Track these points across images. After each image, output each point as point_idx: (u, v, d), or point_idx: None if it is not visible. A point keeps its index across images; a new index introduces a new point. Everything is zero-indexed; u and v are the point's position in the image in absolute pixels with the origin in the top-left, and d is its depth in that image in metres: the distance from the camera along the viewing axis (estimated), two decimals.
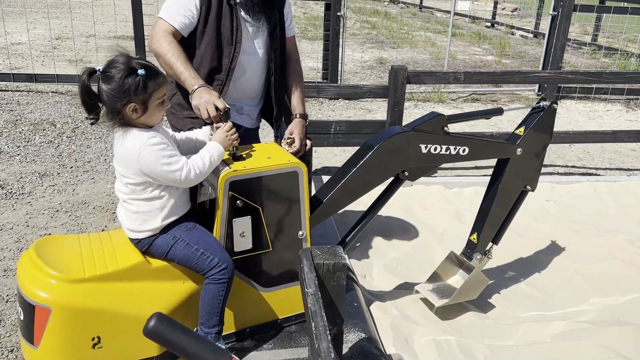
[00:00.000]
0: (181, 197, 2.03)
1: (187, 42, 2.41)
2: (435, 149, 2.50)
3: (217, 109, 2.16)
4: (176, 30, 2.36)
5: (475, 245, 2.89)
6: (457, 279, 2.95)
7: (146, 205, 1.96)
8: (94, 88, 1.88)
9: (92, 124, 1.93)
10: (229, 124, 2.12)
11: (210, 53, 2.43)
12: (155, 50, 2.35)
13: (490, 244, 2.94)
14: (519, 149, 2.74)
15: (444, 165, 5.16)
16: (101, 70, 1.86)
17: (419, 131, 2.46)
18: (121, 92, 1.83)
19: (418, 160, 2.50)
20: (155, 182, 1.93)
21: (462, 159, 2.60)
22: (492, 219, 2.87)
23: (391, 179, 2.62)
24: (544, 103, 2.81)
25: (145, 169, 1.88)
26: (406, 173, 2.53)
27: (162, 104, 1.92)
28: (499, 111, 2.83)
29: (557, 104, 2.81)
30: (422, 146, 2.46)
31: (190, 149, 2.13)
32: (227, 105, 2.18)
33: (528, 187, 2.91)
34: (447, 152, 2.53)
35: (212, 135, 2.15)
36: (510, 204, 2.90)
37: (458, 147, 2.55)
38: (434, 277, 2.99)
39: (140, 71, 1.83)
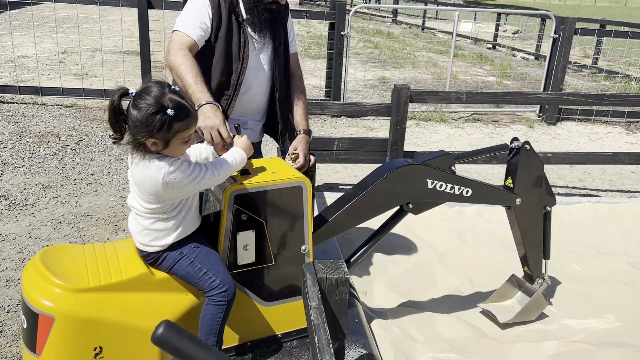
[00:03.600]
0: (194, 214, 2.05)
1: (198, 57, 2.45)
2: (441, 186, 2.55)
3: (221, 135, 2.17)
4: (194, 42, 2.38)
5: (531, 274, 3.02)
6: (516, 300, 3.10)
7: (162, 223, 1.96)
8: (125, 108, 1.84)
9: (114, 143, 1.88)
10: (246, 136, 2.15)
11: (219, 68, 2.47)
12: (170, 62, 2.34)
13: (544, 263, 3.04)
14: (517, 199, 2.80)
15: None
16: (134, 94, 1.82)
17: (427, 166, 2.52)
18: (145, 126, 1.79)
19: (423, 195, 2.55)
20: (179, 198, 1.95)
21: (465, 200, 2.65)
22: (533, 253, 2.97)
23: (396, 209, 2.66)
24: (516, 143, 2.82)
25: (172, 193, 1.89)
26: (410, 205, 2.58)
27: (185, 142, 1.89)
28: (503, 147, 2.88)
29: (529, 144, 2.81)
30: (429, 181, 2.52)
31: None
32: (231, 132, 2.18)
33: (547, 207, 2.95)
34: (452, 191, 2.59)
35: (215, 151, 2.18)
36: (539, 234, 2.96)
37: (462, 188, 2.61)
38: (496, 296, 3.11)
39: (169, 111, 1.78)
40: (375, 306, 3.09)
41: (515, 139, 2.84)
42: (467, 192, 2.63)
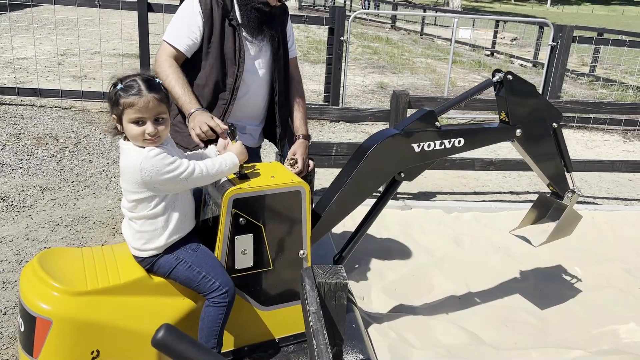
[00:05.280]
0: (186, 213, 2.05)
1: (192, 64, 2.46)
2: (429, 145, 2.45)
3: (212, 129, 2.22)
4: (180, 53, 2.42)
5: (558, 192, 2.89)
6: (549, 219, 2.96)
7: (150, 224, 1.97)
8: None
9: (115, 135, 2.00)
10: (240, 141, 2.15)
11: (215, 73, 2.48)
12: (158, 73, 2.39)
13: (568, 176, 2.89)
14: (517, 131, 2.64)
15: (443, 190, 5.20)
16: None
17: (409, 131, 2.42)
18: (108, 100, 1.93)
19: (412, 160, 2.47)
20: (160, 192, 1.94)
21: (459, 150, 2.54)
22: (553, 172, 2.82)
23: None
24: (499, 75, 2.62)
25: (149, 182, 1.89)
26: (402, 174, 2.50)
27: (138, 125, 1.87)
28: (488, 84, 2.69)
29: (511, 73, 2.60)
30: (415, 145, 2.43)
31: None
32: (223, 126, 2.21)
33: (554, 124, 2.78)
34: (442, 147, 2.48)
35: (219, 152, 2.18)
36: (553, 153, 2.80)
37: (453, 140, 2.49)
38: (526, 220, 2.99)
39: (119, 85, 1.88)
40: (373, 311, 3.09)
41: (498, 70, 2.66)
42: (459, 142, 2.50)
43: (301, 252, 2.24)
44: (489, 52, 15.56)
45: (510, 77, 2.60)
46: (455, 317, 3.11)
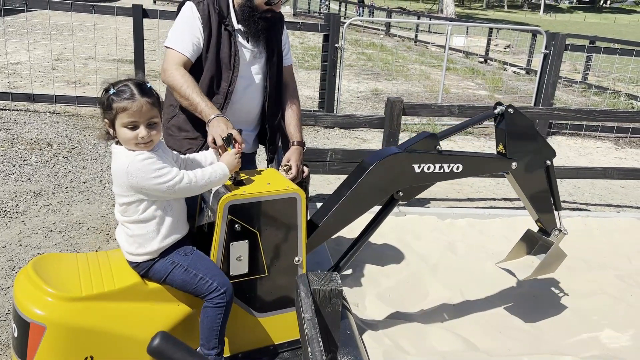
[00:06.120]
0: (178, 218, 2.05)
1: (192, 69, 2.47)
2: (429, 167, 2.51)
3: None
4: (187, 59, 2.41)
5: (546, 229, 2.96)
6: (534, 256, 3.04)
7: (142, 227, 1.97)
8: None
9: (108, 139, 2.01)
10: (237, 149, 2.15)
11: (209, 76, 2.49)
12: (169, 83, 2.38)
13: (557, 215, 2.94)
14: (513, 164, 2.72)
15: (437, 196, 5.22)
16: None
17: (412, 151, 2.48)
18: (99, 105, 1.95)
19: (412, 181, 2.52)
20: (149, 197, 1.94)
21: (457, 176, 2.60)
22: (543, 209, 2.89)
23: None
24: (500, 108, 2.71)
25: (135, 185, 1.90)
26: (400, 193, 2.54)
27: (131, 129, 1.90)
28: (489, 115, 2.77)
29: (512, 107, 2.70)
30: (415, 166, 2.48)
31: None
32: (230, 132, 2.20)
33: (548, 162, 2.84)
34: (441, 171, 2.55)
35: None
36: (545, 190, 2.87)
37: (452, 165, 2.56)
38: (512, 254, 3.07)
39: (112, 90, 1.90)
40: (367, 318, 3.09)
41: (499, 103, 2.73)
42: (457, 167, 2.57)
43: (296, 258, 2.25)
44: (482, 59, 15.66)
45: (511, 110, 2.69)
46: (449, 324, 3.12)
